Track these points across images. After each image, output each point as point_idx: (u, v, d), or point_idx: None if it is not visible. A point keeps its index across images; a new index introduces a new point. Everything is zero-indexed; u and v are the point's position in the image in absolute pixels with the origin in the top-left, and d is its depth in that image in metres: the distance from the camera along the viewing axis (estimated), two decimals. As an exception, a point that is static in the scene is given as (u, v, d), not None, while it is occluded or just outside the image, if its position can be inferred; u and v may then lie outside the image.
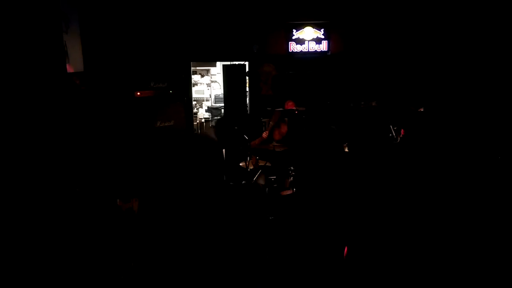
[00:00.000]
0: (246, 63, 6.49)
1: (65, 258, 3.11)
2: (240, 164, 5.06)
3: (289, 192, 4.43)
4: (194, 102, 7.59)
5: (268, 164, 4.99)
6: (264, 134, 4.63)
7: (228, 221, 3.46)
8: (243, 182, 5.75)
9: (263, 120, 6.27)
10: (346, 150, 4.95)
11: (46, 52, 3.58)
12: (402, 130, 4.25)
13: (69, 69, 4.11)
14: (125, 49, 5.52)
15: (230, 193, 3.57)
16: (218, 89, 10.05)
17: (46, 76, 3.55)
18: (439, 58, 6.21)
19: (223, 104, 6.94)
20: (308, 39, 6.33)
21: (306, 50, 6.36)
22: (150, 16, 5.78)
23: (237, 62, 6.53)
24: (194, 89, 7.85)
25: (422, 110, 4.77)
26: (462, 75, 6.02)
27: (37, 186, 3.30)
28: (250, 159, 4.90)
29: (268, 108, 6.37)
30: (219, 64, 9.61)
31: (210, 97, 10.05)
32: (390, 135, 4.84)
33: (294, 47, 6.35)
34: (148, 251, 3.79)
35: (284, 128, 5.54)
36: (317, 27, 6.33)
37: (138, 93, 5.05)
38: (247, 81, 6.49)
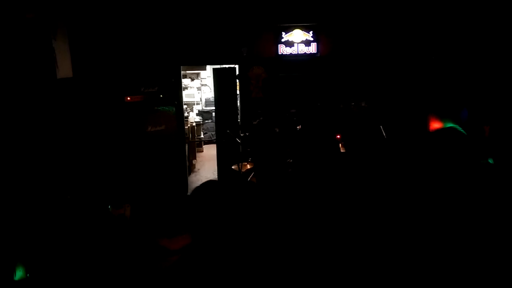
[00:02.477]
0: (236, 66, 6.51)
1: (58, 264, 3.08)
2: (233, 167, 5.08)
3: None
4: (185, 106, 7.58)
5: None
6: None
7: (224, 220, 3.46)
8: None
9: (254, 122, 6.29)
10: (342, 150, 4.97)
11: (35, 58, 3.56)
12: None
13: (58, 75, 4.08)
14: (114, 54, 5.49)
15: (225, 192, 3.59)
16: (208, 93, 10.06)
17: (35, 83, 3.52)
18: (428, 58, 6.30)
19: (214, 108, 6.94)
20: (298, 41, 6.38)
21: (295, 53, 6.40)
22: (139, 21, 5.77)
23: (227, 66, 6.54)
24: (184, 93, 7.84)
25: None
26: (452, 76, 6.11)
27: (28, 193, 3.27)
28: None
29: (259, 111, 6.40)
30: (209, 68, 9.63)
31: (201, 100, 10.05)
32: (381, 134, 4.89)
33: (283, 49, 6.39)
34: (140, 256, 3.77)
35: None
36: (306, 29, 6.39)
37: (128, 98, 5.03)
38: (238, 84, 6.51)
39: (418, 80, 6.12)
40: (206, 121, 9.68)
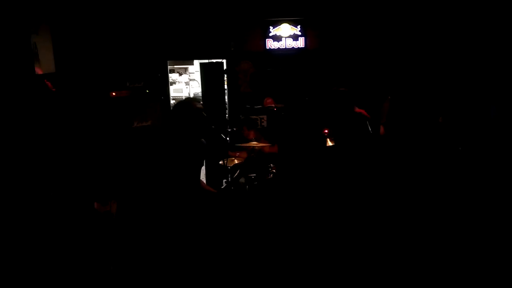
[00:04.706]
0: (224, 60, 6.46)
1: (42, 263, 3.05)
2: (220, 163, 5.05)
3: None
4: (173, 101, 7.52)
5: (252, 155, 4.96)
6: None
7: (210, 220, 3.45)
8: (224, 180, 5.74)
9: (241, 117, 6.26)
10: (331, 143, 4.93)
11: (12, 54, 3.48)
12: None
13: (39, 71, 4.00)
14: (99, 49, 5.41)
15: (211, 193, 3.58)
16: (197, 87, 9.98)
17: (12, 79, 3.44)
18: (415, 52, 6.32)
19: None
20: (285, 36, 6.35)
21: (283, 47, 6.38)
22: (125, 14, 5.68)
23: (214, 60, 6.50)
24: (172, 87, 7.76)
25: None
26: (437, 70, 6.16)
27: (9, 191, 3.22)
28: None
29: (247, 106, 6.38)
30: (197, 62, 9.56)
31: (189, 95, 9.98)
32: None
33: (271, 44, 6.36)
34: (127, 254, 3.75)
35: (251, 134, 5.54)
36: (294, 23, 6.36)
37: (114, 94, 4.96)
38: (225, 78, 6.47)
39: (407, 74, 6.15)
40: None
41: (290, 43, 6.38)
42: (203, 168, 6.32)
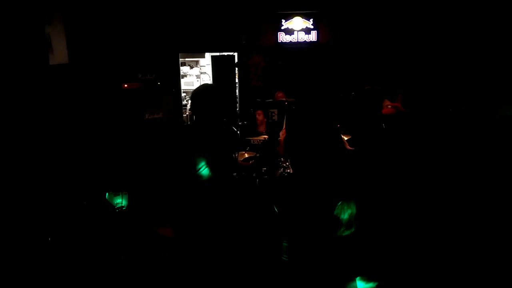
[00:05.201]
0: (235, 54, 6.43)
1: (54, 254, 3.08)
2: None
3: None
4: (183, 94, 7.52)
5: (257, 155, 4.96)
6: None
7: (220, 213, 3.45)
8: (234, 174, 5.73)
9: (253, 111, 6.22)
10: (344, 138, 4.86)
11: (26, 44, 3.49)
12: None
13: (53, 61, 4.02)
14: (112, 40, 5.41)
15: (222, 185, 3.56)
16: (208, 81, 9.96)
17: (27, 70, 3.46)
18: (427, 46, 6.22)
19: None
20: (297, 29, 6.29)
21: (295, 41, 6.32)
22: (138, 6, 5.67)
23: (226, 53, 6.47)
24: (183, 80, 7.77)
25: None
26: (451, 65, 6.04)
27: (22, 183, 3.25)
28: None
29: (258, 100, 6.34)
30: (208, 55, 9.54)
31: (200, 89, 9.98)
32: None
33: (283, 37, 6.30)
34: (138, 244, 3.77)
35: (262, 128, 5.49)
36: (306, 17, 6.29)
37: (126, 85, 4.96)
38: (237, 72, 6.44)
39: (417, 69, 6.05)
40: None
41: (302, 37, 6.31)
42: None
